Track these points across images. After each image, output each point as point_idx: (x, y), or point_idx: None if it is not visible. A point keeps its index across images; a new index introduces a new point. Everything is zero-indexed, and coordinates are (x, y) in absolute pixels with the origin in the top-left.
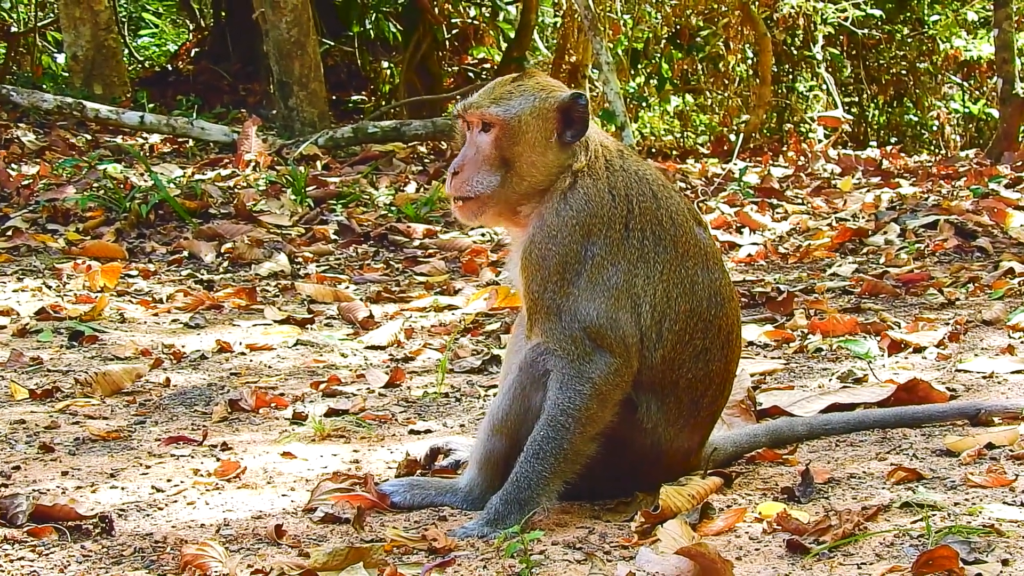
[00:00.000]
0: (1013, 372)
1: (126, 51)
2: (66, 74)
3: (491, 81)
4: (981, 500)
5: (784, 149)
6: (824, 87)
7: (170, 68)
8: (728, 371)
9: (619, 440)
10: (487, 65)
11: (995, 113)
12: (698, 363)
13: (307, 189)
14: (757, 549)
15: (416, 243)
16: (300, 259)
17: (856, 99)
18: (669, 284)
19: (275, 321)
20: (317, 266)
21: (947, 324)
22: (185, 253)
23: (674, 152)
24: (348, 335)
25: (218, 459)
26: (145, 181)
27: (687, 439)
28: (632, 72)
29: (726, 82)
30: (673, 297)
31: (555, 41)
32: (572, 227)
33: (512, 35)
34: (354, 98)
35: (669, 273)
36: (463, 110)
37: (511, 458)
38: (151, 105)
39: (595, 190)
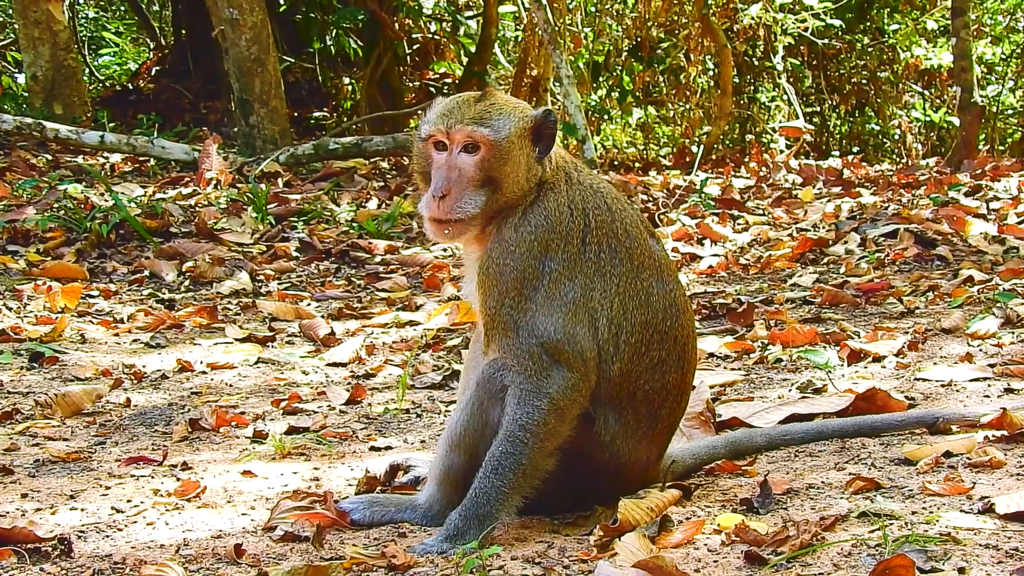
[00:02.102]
0: (971, 380)
1: (86, 70)
2: (26, 94)
3: (445, 99)
4: (938, 508)
5: (746, 160)
6: (785, 97)
7: (130, 87)
8: (685, 382)
9: (577, 453)
10: (448, 80)
11: (956, 121)
12: (655, 375)
13: (268, 206)
14: (715, 561)
15: (378, 259)
16: (261, 277)
17: (817, 109)
18: (625, 296)
19: (236, 339)
20: (278, 283)
21: (906, 333)
22: (146, 272)
23: (636, 164)
24: (309, 352)
25: (178, 479)
26: (106, 201)
27: (645, 451)
28: (593, 85)
29: (687, 94)
30: (629, 309)
31: (516, 55)
32: (530, 243)
33: (473, 50)
34: (315, 115)
35: (625, 285)
36: (448, 129)
37: (470, 474)
38: (111, 124)
39: (555, 205)
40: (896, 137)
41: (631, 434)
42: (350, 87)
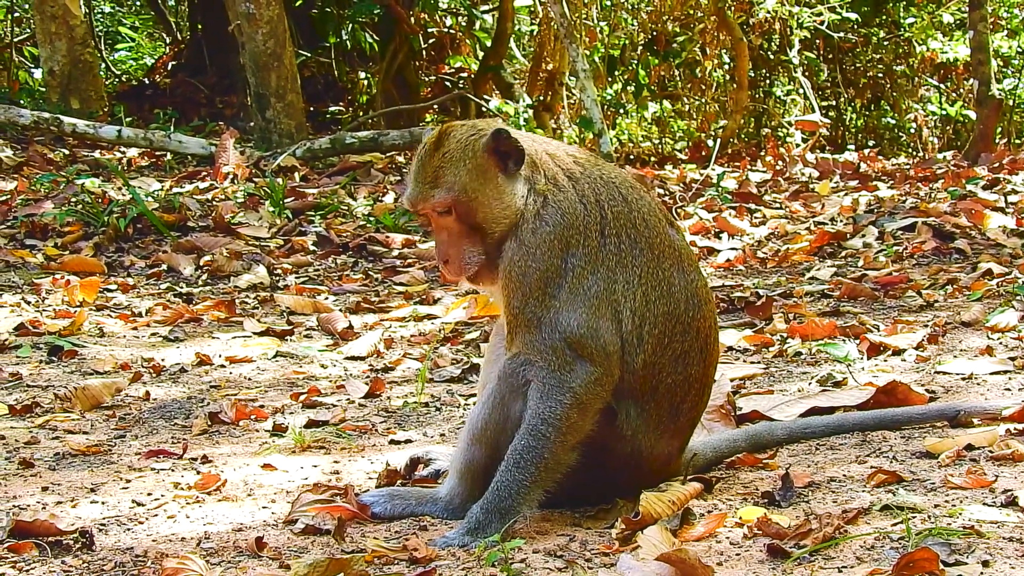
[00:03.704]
0: (992, 373)
1: (103, 65)
2: (43, 89)
3: (415, 159)
4: (961, 502)
5: (762, 154)
6: (801, 91)
7: (147, 82)
8: (707, 375)
9: (599, 448)
10: (464, 74)
11: (972, 115)
12: (677, 367)
13: (285, 200)
14: (738, 554)
15: (395, 253)
16: (279, 271)
17: (833, 103)
18: (648, 287)
19: (254, 333)
20: (296, 277)
21: (926, 326)
22: (164, 266)
23: (652, 158)
24: (327, 346)
25: (198, 472)
26: (123, 195)
27: (667, 445)
28: (609, 79)
29: (703, 87)
30: (652, 300)
31: (532, 49)
32: (550, 242)
33: (488, 44)
34: (331, 109)
35: (647, 276)
36: (413, 208)
37: (491, 467)
38: (128, 119)
39: (566, 202)
40: (912, 131)
41: (653, 428)
42: (366, 81)
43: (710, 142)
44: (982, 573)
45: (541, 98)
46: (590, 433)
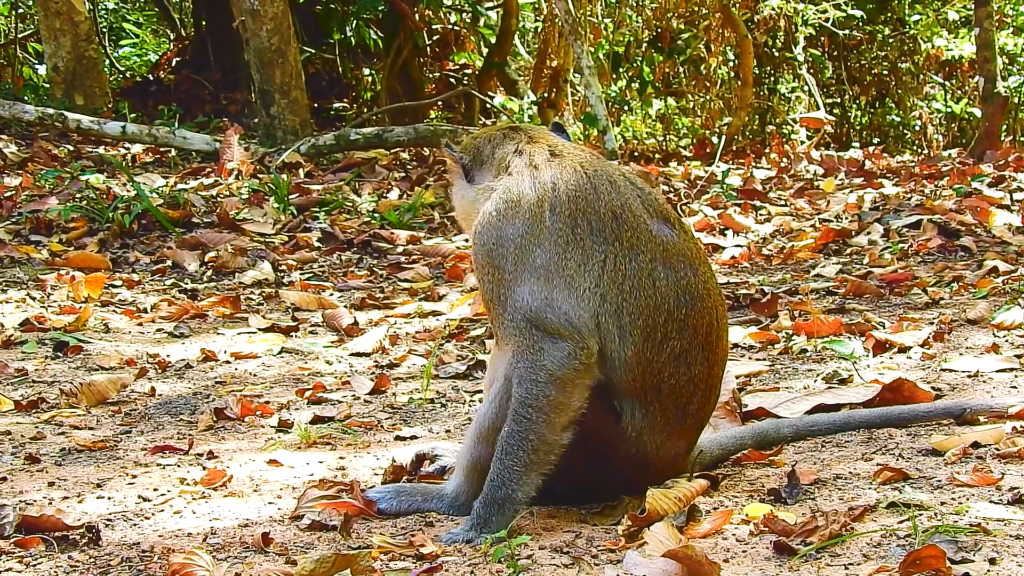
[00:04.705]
0: (998, 371)
1: (107, 61)
2: (47, 85)
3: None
4: (967, 499)
5: (767, 151)
6: (806, 88)
7: (151, 78)
8: (712, 375)
9: (604, 449)
10: (468, 71)
11: (977, 112)
12: (679, 367)
13: (290, 197)
14: (744, 551)
15: (400, 249)
16: (284, 267)
17: (838, 100)
18: (618, 275)
19: (259, 329)
20: (301, 274)
21: (932, 324)
22: (169, 263)
23: (657, 155)
24: (333, 342)
25: (204, 468)
26: (128, 191)
27: (673, 446)
28: (614, 76)
29: (708, 85)
30: (626, 289)
31: (536, 46)
32: (490, 218)
33: (493, 40)
34: (336, 105)
35: (613, 263)
36: None
37: None
38: (132, 115)
39: (512, 183)
40: (917, 128)
41: (659, 430)
42: (370, 78)
43: (715, 139)
44: (989, 571)
45: (545, 95)
46: (587, 421)
